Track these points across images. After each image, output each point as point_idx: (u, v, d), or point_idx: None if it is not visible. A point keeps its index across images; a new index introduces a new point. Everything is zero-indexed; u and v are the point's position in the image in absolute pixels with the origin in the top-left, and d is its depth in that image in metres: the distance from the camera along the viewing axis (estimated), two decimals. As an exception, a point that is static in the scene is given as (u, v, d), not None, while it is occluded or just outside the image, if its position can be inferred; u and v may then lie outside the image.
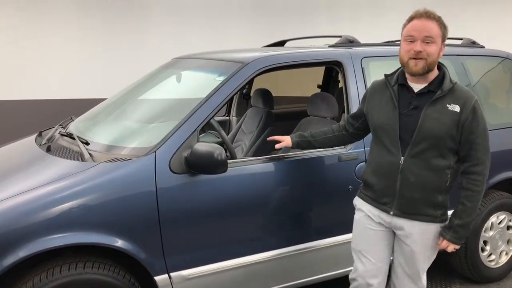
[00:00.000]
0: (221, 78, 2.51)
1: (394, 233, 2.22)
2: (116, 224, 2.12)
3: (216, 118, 3.29)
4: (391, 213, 2.13)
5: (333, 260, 2.72)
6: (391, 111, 2.10)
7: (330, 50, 2.90)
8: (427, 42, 1.99)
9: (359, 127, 2.38)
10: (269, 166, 2.48)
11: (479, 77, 3.24)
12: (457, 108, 2.01)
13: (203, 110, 2.36)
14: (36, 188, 2.09)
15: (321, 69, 4.40)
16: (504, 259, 3.32)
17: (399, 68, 2.18)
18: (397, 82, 2.13)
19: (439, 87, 2.05)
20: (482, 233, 3.17)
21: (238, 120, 4.05)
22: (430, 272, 2.36)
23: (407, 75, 2.10)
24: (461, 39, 3.54)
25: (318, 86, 4.45)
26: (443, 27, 2.04)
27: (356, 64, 2.78)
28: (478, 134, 2.03)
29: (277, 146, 2.47)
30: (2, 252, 1.94)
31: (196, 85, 2.91)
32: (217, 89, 2.43)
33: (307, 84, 4.49)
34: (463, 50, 3.33)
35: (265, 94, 3.64)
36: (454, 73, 3.13)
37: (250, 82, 3.98)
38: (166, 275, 2.25)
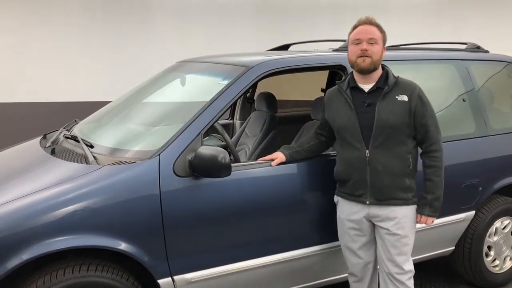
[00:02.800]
0: (225, 82, 2.51)
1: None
2: (120, 227, 2.12)
3: (220, 122, 3.29)
4: (367, 202, 2.35)
5: (337, 264, 2.71)
6: (349, 112, 2.34)
7: (334, 54, 2.90)
8: (371, 43, 2.28)
9: (327, 135, 2.56)
10: (273, 170, 2.48)
11: (483, 82, 3.23)
12: (405, 98, 2.29)
13: (207, 114, 2.36)
14: (40, 190, 2.10)
15: (325, 73, 4.40)
16: (508, 264, 3.31)
17: (347, 76, 2.46)
18: (348, 86, 2.38)
19: (386, 83, 2.32)
20: (487, 238, 3.16)
21: (241, 124, 4.05)
22: (434, 277, 2.40)
23: (356, 78, 2.37)
24: (465, 43, 3.53)
25: (322, 90, 4.44)
26: (382, 32, 2.34)
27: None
28: (429, 117, 2.31)
29: (273, 164, 2.47)
30: (6, 254, 1.94)
31: (200, 88, 2.91)
32: (221, 93, 2.43)
33: (311, 88, 4.49)
34: (468, 54, 3.32)
35: (268, 97, 3.64)
36: (458, 77, 3.13)
37: (254, 86, 3.99)
38: (169, 278, 2.25)
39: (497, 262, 3.25)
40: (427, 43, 3.63)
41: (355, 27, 2.35)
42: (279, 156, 2.49)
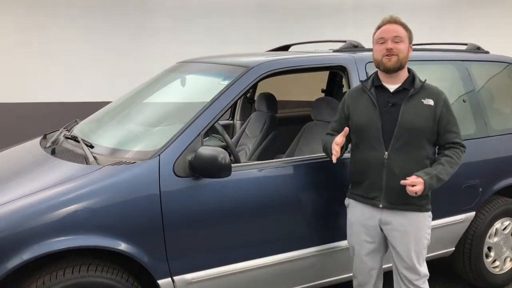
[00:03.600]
0: (226, 82, 2.51)
1: (385, 237, 2.36)
2: (120, 227, 2.12)
3: (220, 122, 3.29)
4: (380, 205, 2.28)
5: (338, 264, 2.71)
6: (371, 111, 2.27)
7: (335, 54, 2.90)
8: (396, 42, 2.22)
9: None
10: (273, 170, 2.48)
11: (483, 83, 3.23)
12: (431, 102, 2.25)
13: (207, 114, 2.36)
14: (41, 190, 2.10)
15: (326, 74, 4.40)
16: (508, 265, 3.31)
17: (372, 74, 2.39)
18: (373, 85, 2.32)
19: (412, 85, 2.27)
20: (487, 239, 3.15)
21: (242, 124, 4.06)
22: (434, 277, 2.39)
23: (381, 77, 2.31)
24: (465, 44, 3.53)
25: (322, 91, 4.45)
26: (408, 30, 2.29)
27: (360, 69, 2.78)
28: (453, 123, 2.29)
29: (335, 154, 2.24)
30: (6, 254, 1.94)
31: (201, 89, 2.91)
32: (221, 93, 2.43)
33: (311, 88, 4.49)
34: (468, 55, 3.32)
35: (269, 98, 3.64)
36: (459, 78, 3.13)
37: (254, 86, 3.99)
38: (169, 279, 2.25)
39: (497, 263, 3.25)
40: (428, 44, 3.63)
41: (379, 27, 2.29)
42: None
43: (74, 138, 2.64)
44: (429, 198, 2.32)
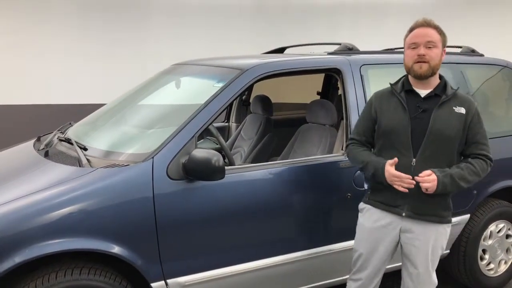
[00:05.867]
0: (220, 85, 2.51)
1: (398, 242, 2.30)
2: (113, 230, 2.11)
3: (215, 124, 3.29)
4: (403, 214, 2.21)
5: (332, 267, 2.71)
6: (401, 115, 2.19)
7: (329, 57, 2.90)
8: (429, 47, 2.14)
9: (371, 141, 2.36)
10: (268, 173, 2.47)
11: (478, 85, 3.24)
12: (462, 110, 2.17)
13: (202, 116, 2.36)
14: (33, 193, 2.09)
15: (321, 76, 4.41)
16: (503, 268, 3.31)
17: (402, 77, 2.29)
18: (403, 89, 2.24)
19: (444, 92, 2.20)
20: (481, 241, 3.16)
21: (237, 127, 4.05)
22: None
23: (412, 82, 2.23)
24: (460, 47, 3.54)
25: (318, 93, 4.45)
26: (442, 34, 2.20)
27: (355, 71, 2.78)
28: (482, 135, 2.22)
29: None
30: (-2, 257, 1.93)
31: (195, 91, 2.91)
32: (215, 96, 2.43)
33: (307, 91, 4.49)
34: (462, 58, 3.33)
35: (264, 100, 3.64)
36: (453, 81, 3.13)
37: (249, 89, 3.99)
38: (162, 282, 2.24)
39: (492, 265, 3.25)
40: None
41: (411, 30, 2.20)
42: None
43: (68, 141, 2.63)
44: (451, 210, 2.26)
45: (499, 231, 3.23)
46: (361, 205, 2.39)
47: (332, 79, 4.36)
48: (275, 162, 2.61)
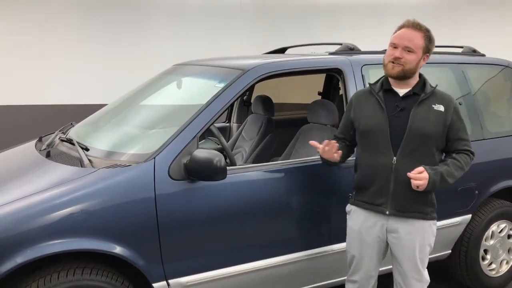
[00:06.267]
0: (221, 85, 2.51)
1: (387, 244, 2.32)
2: (115, 231, 2.11)
3: (217, 125, 3.29)
4: (387, 212, 2.23)
5: (333, 268, 2.71)
6: (379, 114, 2.22)
7: (331, 57, 2.90)
8: (408, 51, 2.15)
9: (351, 139, 2.41)
10: (269, 173, 2.48)
11: (479, 85, 3.24)
12: (441, 108, 2.20)
13: (203, 117, 2.36)
14: (35, 193, 2.09)
15: (322, 76, 4.41)
16: (504, 268, 3.30)
17: (381, 77, 2.32)
18: (381, 89, 2.27)
19: (422, 90, 2.22)
20: (483, 241, 3.15)
21: (238, 127, 4.05)
22: (430, 281, 2.38)
23: (391, 81, 2.26)
24: (461, 47, 3.54)
25: (319, 93, 4.45)
26: (428, 39, 2.19)
27: (356, 71, 2.78)
28: (463, 130, 2.25)
29: (319, 146, 2.22)
30: (0, 257, 1.93)
31: (197, 91, 2.91)
32: (217, 96, 2.43)
33: (308, 91, 4.49)
34: (464, 58, 3.33)
35: (265, 100, 3.64)
36: (455, 81, 3.13)
37: (250, 89, 3.99)
38: (164, 282, 2.24)
39: (493, 265, 3.24)
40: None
41: (399, 28, 2.22)
42: (331, 142, 2.23)
43: (69, 141, 2.63)
44: (435, 206, 2.29)
45: (500, 231, 3.23)
46: (348, 207, 2.42)
47: (333, 79, 4.36)
48: (276, 163, 2.62)
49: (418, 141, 2.17)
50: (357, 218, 2.34)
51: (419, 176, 2.11)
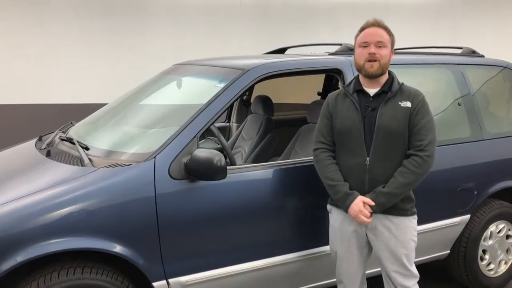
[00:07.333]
0: (222, 85, 2.52)
1: (369, 243, 2.34)
2: (115, 230, 2.12)
3: (216, 125, 3.30)
4: None
5: (332, 268, 2.71)
6: (354, 115, 2.25)
7: (330, 57, 2.91)
8: (379, 46, 2.20)
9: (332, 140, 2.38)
10: (269, 173, 2.48)
11: (478, 86, 3.25)
12: (408, 104, 2.21)
13: (203, 117, 2.36)
14: (35, 192, 2.10)
15: (322, 76, 4.41)
16: (503, 268, 3.31)
17: (353, 79, 2.37)
18: (354, 90, 2.30)
19: (390, 89, 2.24)
20: (481, 242, 3.16)
21: (238, 127, 4.06)
22: (429, 281, 2.39)
23: (362, 81, 2.29)
24: (461, 48, 3.55)
25: (318, 94, 4.46)
26: (391, 34, 2.27)
27: (356, 72, 2.78)
28: (424, 126, 2.19)
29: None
30: (0, 256, 1.94)
31: (197, 91, 2.92)
32: (217, 96, 2.43)
33: (308, 91, 4.50)
34: (463, 59, 3.33)
35: (265, 100, 3.65)
36: (454, 82, 3.14)
37: (250, 89, 4.00)
38: (164, 281, 2.25)
39: (492, 266, 3.25)
40: (422, 47, 3.64)
41: (362, 29, 2.28)
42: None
43: (70, 140, 2.64)
44: (413, 202, 2.31)
45: (499, 232, 3.24)
46: (328, 206, 2.44)
47: (332, 80, 4.37)
48: (276, 162, 2.62)
49: (387, 139, 2.19)
50: (337, 216, 2.37)
51: (363, 213, 2.17)
